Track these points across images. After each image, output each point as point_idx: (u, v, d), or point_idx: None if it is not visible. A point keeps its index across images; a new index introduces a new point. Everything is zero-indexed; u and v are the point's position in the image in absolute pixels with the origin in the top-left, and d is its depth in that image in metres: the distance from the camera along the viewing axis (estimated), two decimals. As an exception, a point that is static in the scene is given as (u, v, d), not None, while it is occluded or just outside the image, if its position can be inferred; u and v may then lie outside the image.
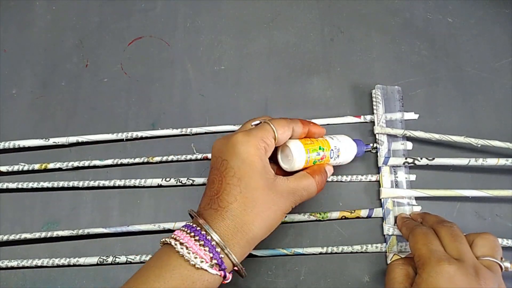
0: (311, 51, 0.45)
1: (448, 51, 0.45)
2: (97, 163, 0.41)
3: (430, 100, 0.43)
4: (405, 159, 0.40)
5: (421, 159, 0.40)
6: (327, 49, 0.45)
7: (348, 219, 0.40)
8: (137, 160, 0.41)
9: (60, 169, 0.41)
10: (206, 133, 0.42)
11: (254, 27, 0.46)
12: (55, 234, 0.39)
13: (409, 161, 0.40)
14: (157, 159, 0.41)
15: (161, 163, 0.41)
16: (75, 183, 0.40)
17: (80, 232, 0.39)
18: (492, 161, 0.39)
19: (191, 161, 0.41)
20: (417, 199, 0.40)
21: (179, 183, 0.40)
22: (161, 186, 0.41)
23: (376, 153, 0.41)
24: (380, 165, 0.40)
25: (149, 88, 0.44)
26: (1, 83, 0.44)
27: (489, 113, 0.43)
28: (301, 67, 0.44)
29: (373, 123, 0.42)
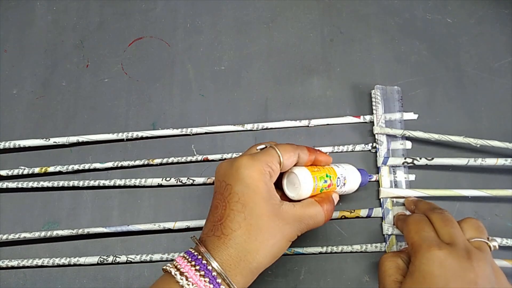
0: (311, 51, 0.45)
1: (448, 51, 0.45)
2: (98, 165, 0.41)
3: (429, 100, 0.43)
4: (404, 159, 0.40)
5: (420, 159, 0.40)
6: (327, 49, 0.45)
7: (347, 218, 0.40)
8: (138, 162, 0.41)
9: (60, 172, 0.41)
10: (206, 133, 0.42)
11: (254, 27, 0.46)
12: (55, 234, 0.39)
13: (408, 161, 0.40)
14: (157, 161, 0.41)
15: (161, 165, 0.41)
16: (75, 182, 0.40)
17: (80, 231, 0.39)
18: (491, 161, 0.39)
19: (191, 162, 0.41)
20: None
21: (179, 183, 0.40)
22: (161, 186, 0.41)
23: (375, 153, 0.41)
24: (379, 165, 0.40)
25: (149, 88, 0.44)
26: (1, 83, 0.44)
27: (489, 113, 0.43)
28: (301, 67, 0.44)
29: (372, 123, 0.42)
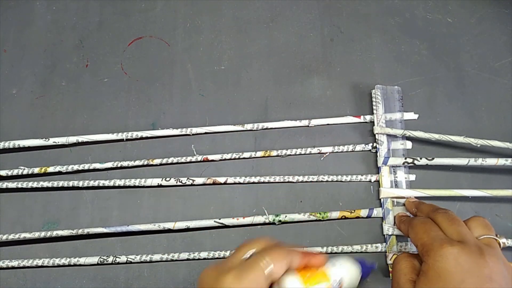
0: (311, 51, 0.45)
1: (448, 51, 0.45)
2: (98, 166, 0.41)
3: (430, 100, 0.43)
4: (405, 159, 0.40)
5: (420, 159, 0.40)
6: (327, 49, 0.45)
7: (348, 219, 0.40)
8: (137, 162, 0.41)
9: (60, 173, 0.41)
10: (206, 133, 0.42)
11: (254, 27, 0.46)
12: (55, 234, 0.39)
13: (409, 161, 0.40)
14: (157, 161, 0.41)
15: (161, 165, 0.41)
16: (75, 183, 0.40)
17: (80, 232, 0.39)
18: (491, 161, 0.39)
19: (191, 163, 0.41)
20: (416, 199, 0.40)
21: (179, 183, 0.40)
22: (161, 186, 0.41)
23: (375, 153, 0.41)
24: (379, 165, 0.40)
25: (149, 88, 0.44)
26: (1, 83, 0.44)
27: (489, 113, 0.43)
28: (301, 67, 0.44)
29: (373, 123, 0.42)
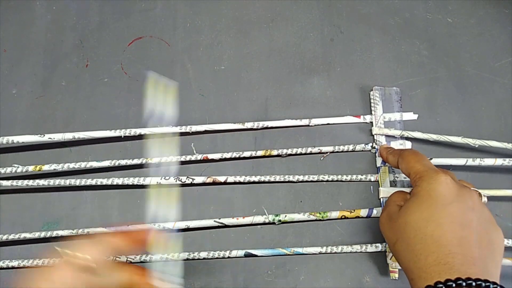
0: (311, 51, 0.45)
1: (448, 51, 0.45)
2: (97, 165, 0.41)
3: (430, 100, 0.43)
4: (405, 159, 0.40)
5: (420, 159, 0.40)
6: (327, 49, 0.45)
7: (348, 218, 0.40)
8: (136, 161, 0.41)
9: (59, 172, 0.41)
10: (205, 131, 0.42)
11: (254, 27, 0.46)
12: (55, 234, 0.39)
13: (409, 161, 0.40)
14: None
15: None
16: (75, 182, 0.40)
17: (80, 232, 0.39)
18: (489, 161, 0.39)
19: (190, 162, 0.41)
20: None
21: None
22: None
23: (375, 153, 0.41)
24: (378, 165, 0.40)
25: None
26: (1, 83, 0.44)
27: (489, 113, 0.43)
28: (301, 67, 0.44)
29: (372, 123, 0.42)
